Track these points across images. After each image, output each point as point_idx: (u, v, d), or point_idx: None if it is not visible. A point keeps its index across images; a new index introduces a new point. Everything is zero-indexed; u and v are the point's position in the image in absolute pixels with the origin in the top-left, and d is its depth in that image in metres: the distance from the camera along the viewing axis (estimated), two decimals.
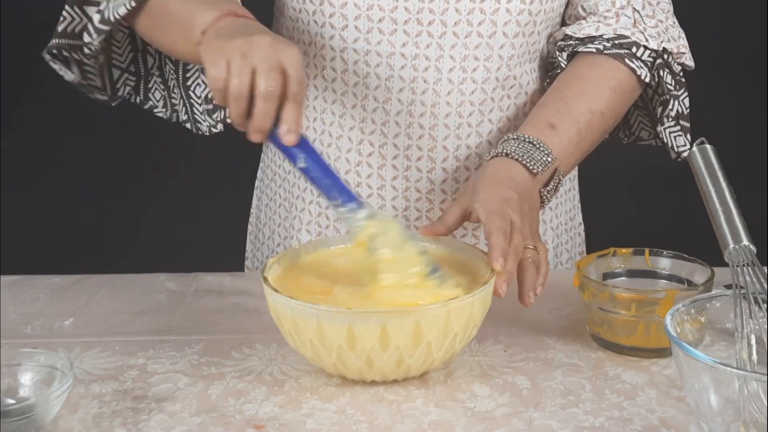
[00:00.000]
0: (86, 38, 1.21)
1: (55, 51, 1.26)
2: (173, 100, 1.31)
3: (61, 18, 1.23)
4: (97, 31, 1.19)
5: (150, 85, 1.31)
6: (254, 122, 0.99)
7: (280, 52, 0.98)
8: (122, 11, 1.16)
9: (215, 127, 1.28)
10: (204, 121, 1.29)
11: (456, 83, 1.25)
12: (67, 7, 1.23)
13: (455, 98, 1.25)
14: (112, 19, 1.17)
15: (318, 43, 1.25)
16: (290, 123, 0.99)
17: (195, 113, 1.29)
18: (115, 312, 1.17)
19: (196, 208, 2.81)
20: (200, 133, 1.29)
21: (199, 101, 1.28)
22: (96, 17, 1.19)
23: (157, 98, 1.32)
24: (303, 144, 1.01)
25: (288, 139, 0.99)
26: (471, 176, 1.27)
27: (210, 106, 1.28)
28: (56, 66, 1.27)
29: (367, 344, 0.94)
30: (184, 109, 1.30)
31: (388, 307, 0.97)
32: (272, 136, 1.00)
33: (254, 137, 1.00)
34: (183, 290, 1.23)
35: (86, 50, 1.22)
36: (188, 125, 1.30)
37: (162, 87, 1.32)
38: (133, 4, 1.16)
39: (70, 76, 1.28)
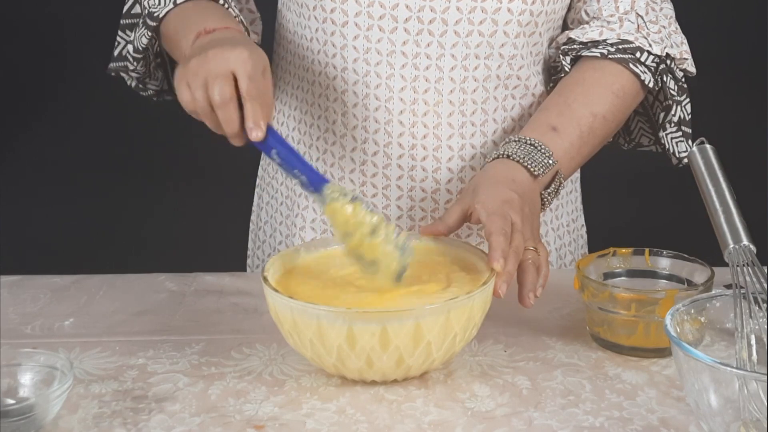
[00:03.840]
0: (129, 65, 1.29)
1: (113, 74, 1.34)
2: None
3: (116, 42, 1.32)
4: (135, 59, 1.28)
5: None
6: (225, 130, 1.04)
7: (227, 58, 1.03)
8: (144, 41, 1.25)
9: None
10: None
11: (458, 82, 1.25)
12: (119, 31, 1.32)
13: (457, 97, 1.25)
14: (140, 48, 1.25)
15: (320, 39, 1.25)
16: (251, 120, 1.03)
17: None
18: (115, 312, 1.17)
19: (197, 207, 2.81)
20: None
21: None
22: (129, 48, 1.28)
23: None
24: (273, 137, 1.05)
25: (253, 135, 1.03)
26: (473, 176, 1.27)
27: None
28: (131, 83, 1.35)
29: (367, 344, 0.94)
30: None
31: (388, 307, 0.97)
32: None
33: (233, 142, 1.06)
34: (183, 290, 1.23)
35: (134, 74, 1.31)
36: None
37: None
38: (150, 34, 1.24)
39: (149, 92, 1.36)
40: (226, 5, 1.23)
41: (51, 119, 2.80)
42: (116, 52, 1.32)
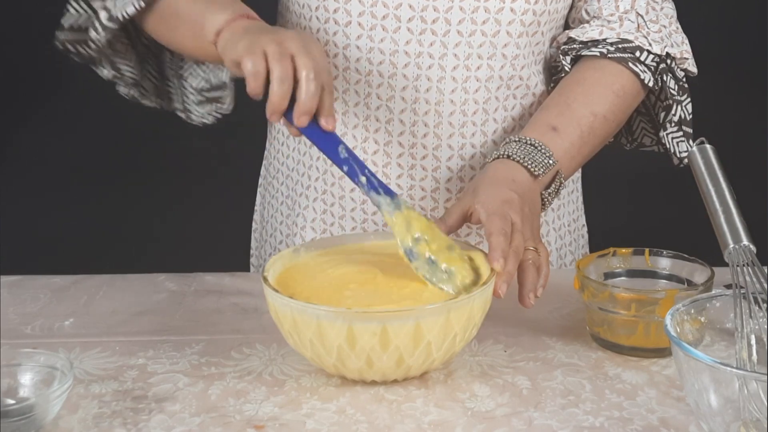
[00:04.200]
0: (92, 34, 1.23)
1: (61, 46, 1.28)
2: (169, 89, 1.33)
3: (66, 12, 1.26)
4: (104, 28, 1.21)
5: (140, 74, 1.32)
6: (300, 105, 1.01)
7: (309, 43, 1.03)
8: (130, 10, 1.19)
9: (205, 118, 1.30)
10: (195, 111, 1.31)
11: (460, 81, 1.25)
12: (72, 1, 1.26)
13: (459, 96, 1.25)
14: (120, 17, 1.19)
15: (321, 39, 1.25)
16: (328, 109, 1.03)
17: (187, 103, 1.31)
18: (115, 312, 1.17)
19: (199, 206, 2.81)
20: (191, 122, 1.32)
21: (193, 92, 1.30)
22: (103, 14, 1.21)
23: (147, 87, 1.33)
24: (337, 137, 1.05)
25: (330, 125, 1.03)
26: (474, 176, 1.27)
27: (202, 98, 1.29)
28: (80, 58, 1.29)
29: (367, 344, 0.94)
30: (179, 98, 1.32)
31: (388, 306, 0.97)
32: (307, 127, 1.03)
33: (300, 120, 1.02)
34: (183, 290, 1.23)
35: (92, 45, 1.25)
36: (182, 114, 1.32)
37: (155, 76, 1.33)
38: (142, 4, 1.18)
39: (128, 74, 1.30)
40: None
41: (51, 119, 2.80)
42: (68, 23, 1.26)
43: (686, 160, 1.30)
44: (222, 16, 1.10)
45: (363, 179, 1.04)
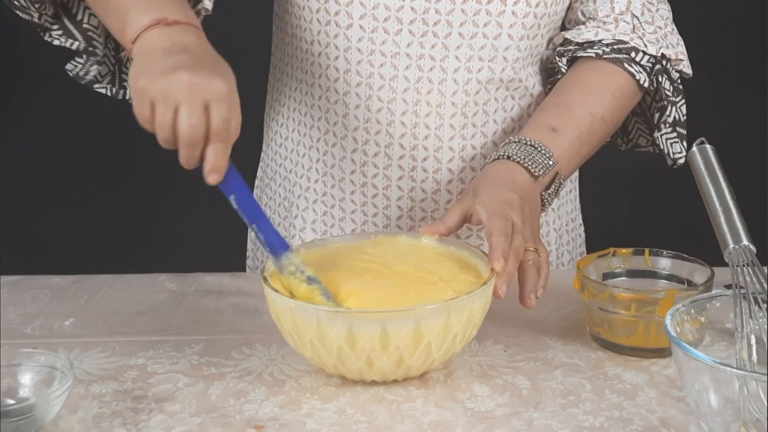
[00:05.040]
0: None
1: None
2: (124, 75, 1.25)
3: None
4: None
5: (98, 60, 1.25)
6: (186, 165, 0.97)
7: (202, 89, 0.93)
8: None
9: None
10: None
11: (461, 83, 1.25)
12: None
13: (460, 98, 1.25)
14: None
15: (322, 42, 1.25)
16: (211, 163, 0.96)
17: None
18: (115, 312, 1.17)
19: (197, 207, 2.81)
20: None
21: None
22: None
23: (103, 73, 1.25)
24: (234, 183, 0.99)
25: (210, 178, 0.97)
26: (474, 177, 1.27)
27: None
28: (58, 36, 1.24)
29: (367, 344, 0.94)
30: None
31: (388, 306, 0.97)
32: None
33: (210, 179, 0.98)
34: (183, 290, 1.23)
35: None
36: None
37: (111, 61, 1.25)
38: None
39: (72, 43, 1.22)
40: None
41: (52, 119, 2.80)
42: None
43: (680, 161, 1.30)
44: (141, 19, 0.98)
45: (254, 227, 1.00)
